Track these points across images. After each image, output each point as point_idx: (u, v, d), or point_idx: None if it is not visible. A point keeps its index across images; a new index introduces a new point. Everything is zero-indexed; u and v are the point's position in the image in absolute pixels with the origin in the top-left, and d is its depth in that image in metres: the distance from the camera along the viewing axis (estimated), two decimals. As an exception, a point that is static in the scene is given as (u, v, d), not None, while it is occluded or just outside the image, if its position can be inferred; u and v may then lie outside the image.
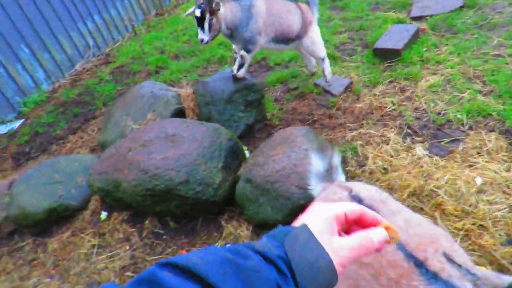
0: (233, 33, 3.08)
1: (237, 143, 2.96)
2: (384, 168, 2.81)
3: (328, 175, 1.49)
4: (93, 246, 2.95)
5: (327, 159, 1.46)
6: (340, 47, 4.74)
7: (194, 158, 2.64)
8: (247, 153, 3.18)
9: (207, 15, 2.80)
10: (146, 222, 2.97)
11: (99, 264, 2.80)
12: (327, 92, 3.89)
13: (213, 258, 0.47)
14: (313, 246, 0.50)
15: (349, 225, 0.58)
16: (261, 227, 2.58)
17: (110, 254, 2.85)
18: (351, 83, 3.90)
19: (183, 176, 2.57)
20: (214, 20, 2.85)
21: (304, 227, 0.53)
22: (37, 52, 5.95)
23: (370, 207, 1.18)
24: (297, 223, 0.57)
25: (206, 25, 2.82)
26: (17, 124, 5.35)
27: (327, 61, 3.66)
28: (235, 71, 3.37)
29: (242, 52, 3.21)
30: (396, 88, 3.66)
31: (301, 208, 2.38)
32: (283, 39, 3.29)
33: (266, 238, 0.54)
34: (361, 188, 1.33)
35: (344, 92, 3.82)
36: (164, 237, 2.87)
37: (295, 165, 2.45)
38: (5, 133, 5.19)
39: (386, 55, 4.04)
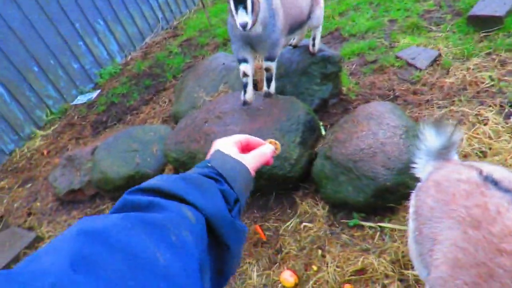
0: (259, 35, 2.41)
1: (314, 117, 2.81)
2: (482, 152, 2.49)
3: (444, 153, 1.30)
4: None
5: (446, 136, 1.26)
6: (425, 15, 4.28)
7: (271, 131, 2.54)
8: (322, 129, 3.02)
9: None
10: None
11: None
12: (410, 65, 3.55)
13: (171, 179, 0.59)
14: (230, 160, 0.69)
15: (241, 151, 0.77)
16: (339, 207, 2.45)
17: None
18: (439, 55, 3.51)
19: (260, 150, 2.49)
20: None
21: (218, 151, 0.71)
22: (111, 25, 6.18)
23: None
24: (209, 155, 0.73)
25: (249, 3, 2.12)
26: (94, 94, 5.66)
27: (321, 28, 3.18)
28: (266, 89, 2.79)
29: (267, 64, 2.62)
30: (496, 61, 3.21)
31: (386, 190, 2.20)
32: (296, 26, 2.78)
33: (195, 168, 0.68)
34: (493, 169, 1.13)
35: (431, 65, 3.45)
36: (237, 210, 2.85)
37: (382, 143, 2.25)
38: (85, 103, 5.53)
39: (484, 24, 3.55)
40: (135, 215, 0.51)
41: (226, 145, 0.75)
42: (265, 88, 2.80)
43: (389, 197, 2.22)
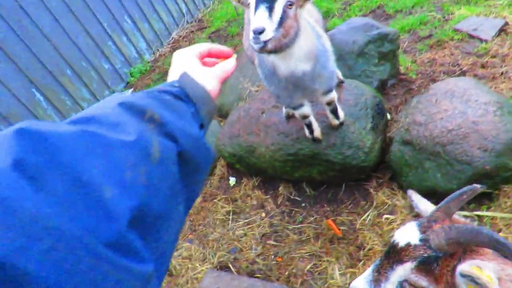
0: (310, 74, 1.83)
1: (382, 100, 2.59)
2: None
3: None
4: (228, 212, 2.89)
5: None
6: (478, -17, 3.95)
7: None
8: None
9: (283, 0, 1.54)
10: (280, 188, 2.81)
11: (237, 231, 2.73)
12: (473, 37, 3.26)
13: (144, 96, 0.60)
14: (198, 85, 0.69)
15: (203, 58, 0.80)
16: (425, 196, 2.22)
17: (246, 221, 2.76)
18: (506, 24, 3.20)
19: (331, 138, 2.29)
20: (292, 13, 1.58)
21: (186, 73, 0.70)
22: (138, 22, 6.06)
23: None
24: (174, 73, 0.74)
25: (277, 8, 1.51)
26: (127, 93, 5.57)
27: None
28: (336, 122, 2.33)
29: (327, 98, 2.12)
30: None
31: (484, 175, 1.97)
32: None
33: (163, 85, 0.67)
34: None
35: (498, 35, 3.15)
36: (303, 204, 2.68)
37: (474, 123, 2.01)
38: (119, 103, 5.44)
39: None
40: (95, 135, 0.46)
41: (189, 58, 0.77)
42: (335, 121, 2.32)
43: (486, 182, 1.99)
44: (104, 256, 0.41)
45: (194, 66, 0.74)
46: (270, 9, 1.50)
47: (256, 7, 1.51)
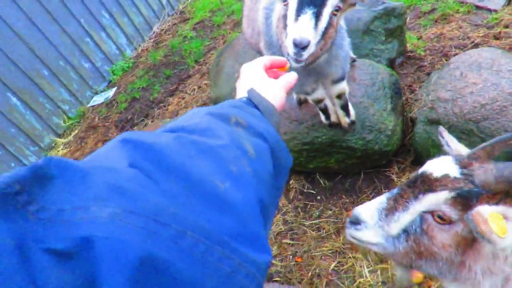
0: (327, 58, 1.62)
1: (398, 79, 2.38)
2: None
3: None
4: (236, 211, 2.64)
5: None
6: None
7: (359, 100, 2.12)
8: (401, 92, 2.59)
9: (334, 3, 1.30)
10: (291, 181, 2.58)
11: (247, 231, 2.49)
12: (480, 8, 3.09)
13: (224, 106, 0.66)
14: (264, 99, 0.74)
15: (267, 70, 0.85)
16: (457, 179, 2.04)
17: (257, 219, 2.52)
18: (514, -8, 3.04)
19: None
20: (335, 21, 1.37)
21: (252, 89, 0.75)
22: (117, 16, 5.70)
23: None
24: (242, 86, 0.80)
25: (325, 15, 1.27)
26: (111, 92, 5.23)
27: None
28: (346, 120, 2.06)
29: (337, 88, 1.84)
30: None
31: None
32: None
33: (233, 100, 0.73)
34: None
35: (508, 4, 2.99)
36: (318, 197, 2.46)
37: (511, 94, 1.82)
38: (102, 103, 5.10)
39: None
40: (191, 139, 0.50)
41: (256, 70, 0.82)
42: (345, 120, 2.04)
43: (527, 159, 1.81)
44: (231, 248, 0.41)
45: (262, 78, 0.81)
46: (317, 16, 1.24)
47: (300, 11, 1.22)
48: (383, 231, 0.95)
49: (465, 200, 0.84)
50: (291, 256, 2.26)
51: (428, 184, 0.90)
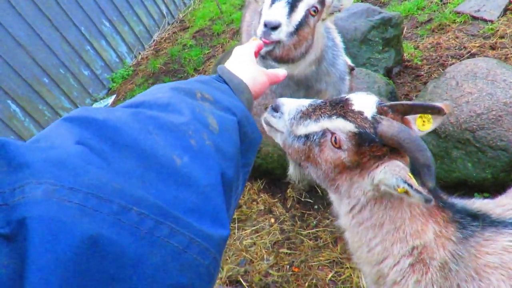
0: (315, 74, 1.64)
1: (394, 88, 2.39)
2: None
3: None
4: (233, 220, 2.63)
5: None
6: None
7: (355, 109, 2.13)
8: (398, 101, 2.61)
9: (311, 2, 1.34)
10: (288, 190, 2.58)
11: (244, 240, 2.48)
12: (476, 18, 3.12)
13: (190, 81, 0.65)
14: (235, 76, 0.73)
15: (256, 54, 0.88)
16: (454, 187, 2.04)
17: (254, 228, 2.52)
18: (510, 3, 3.07)
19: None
20: (313, 22, 1.38)
21: (223, 67, 0.76)
22: (117, 25, 5.75)
23: None
24: (231, 66, 0.78)
25: (300, 8, 1.31)
26: (110, 100, 5.25)
27: None
28: None
29: None
30: None
31: (521, 160, 1.79)
32: None
33: (202, 76, 0.71)
34: None
35: (503, 15, 3.01)
36: (315, 206, 2.45)
37: (506, 104, 1.83)
38: (102, 111, 5.12)
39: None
40: (149, 114, 0.48)
41: (245, 52, 0.82)
42: None
43: (524, 168, 1.81)
44: (184, 223, 0.39)
45: (250, 60, 0.80)
46: (292, 7, 1.28)
47: (275, 0, 1.26)
48: (291, 128, 1.09)
49: (361, 140, 0.95)
50: (288, 266, 2.24)
51: (345, 111, 1.00)
